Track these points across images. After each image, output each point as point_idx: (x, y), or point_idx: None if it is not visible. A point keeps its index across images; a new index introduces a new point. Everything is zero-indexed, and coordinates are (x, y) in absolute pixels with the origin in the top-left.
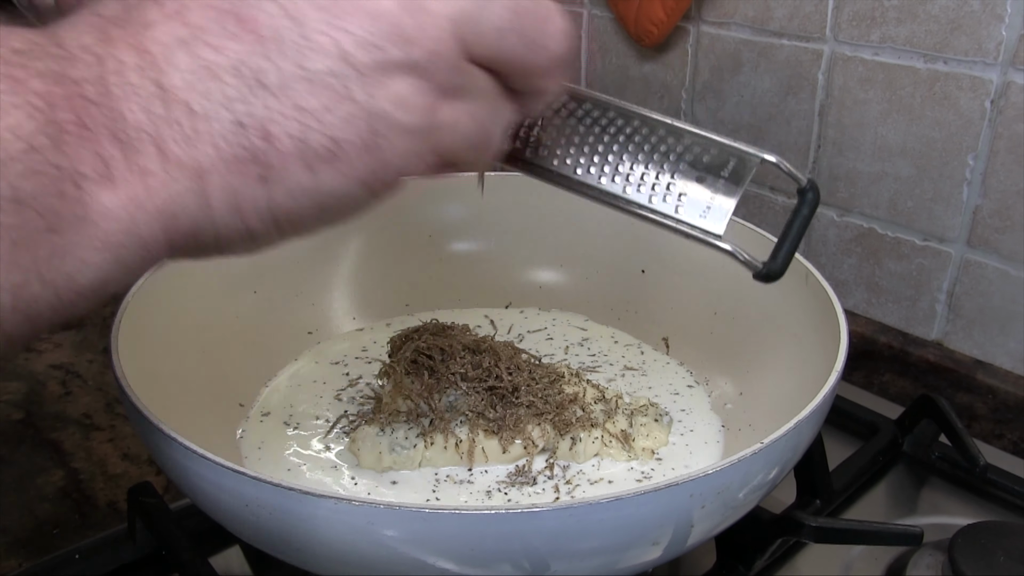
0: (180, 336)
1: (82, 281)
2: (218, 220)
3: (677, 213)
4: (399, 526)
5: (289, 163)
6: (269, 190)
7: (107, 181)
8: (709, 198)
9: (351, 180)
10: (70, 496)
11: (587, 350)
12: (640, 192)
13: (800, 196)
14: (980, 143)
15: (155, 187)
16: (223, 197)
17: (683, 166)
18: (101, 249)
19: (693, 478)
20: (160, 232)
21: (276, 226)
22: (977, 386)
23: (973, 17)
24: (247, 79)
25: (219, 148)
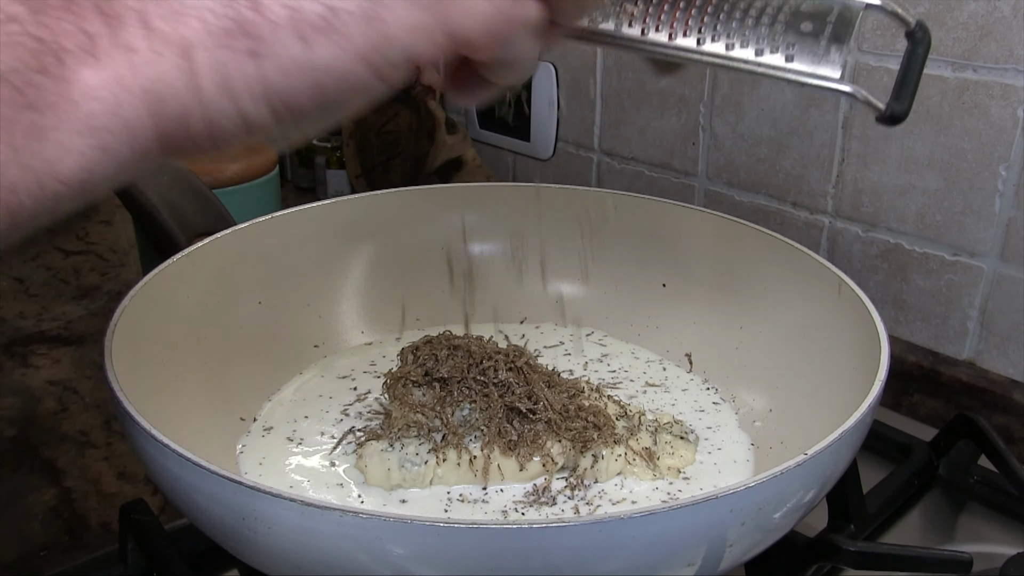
0: (179, 345)
1: (64, 169)
2: (208, 101)
3: (791, 63)
4: (410, 542)
5: (281, 34)
6: (260, 65)
7: (90, 57)
8: (820, 44)
9: (349, 54)
10: (61, 516)
11: (607, 366)
12: (747, 49)
13: (909, 38)
14: (1013, 153)
15: (140, 65)
16: (212, 75)
17: (786, 17)
18: (84, 133)
19: (733, 491)
20: (147, 115)
21: (271, 109)
22: (1014, 407)
23: (1003, 23)
24: None
25: (206, 21)
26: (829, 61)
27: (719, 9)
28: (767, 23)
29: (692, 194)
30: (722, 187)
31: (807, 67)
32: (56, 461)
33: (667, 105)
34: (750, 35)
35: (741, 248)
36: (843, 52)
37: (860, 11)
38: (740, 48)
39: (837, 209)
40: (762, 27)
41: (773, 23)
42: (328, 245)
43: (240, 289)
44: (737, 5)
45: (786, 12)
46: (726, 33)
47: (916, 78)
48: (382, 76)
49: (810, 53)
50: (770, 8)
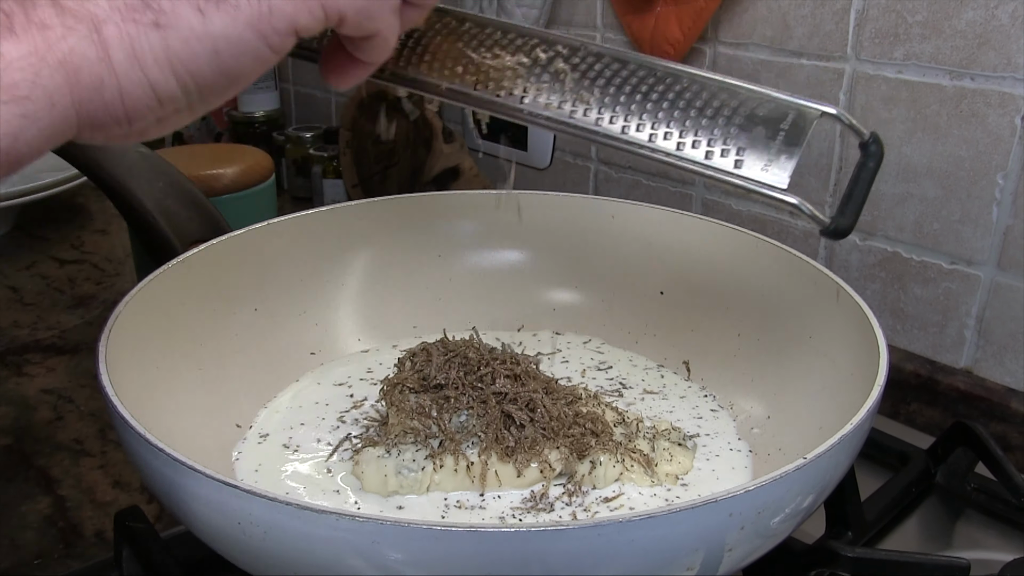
0: (175, 351)
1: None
2: (118, 71)
3: (738, 168)
4: (408, 546)
5: (180, 7)
6: (164, 35)
7: (8, 32)
8: (770, 152)
9: (240, 23)
10: (55, 525)
11: (605, 374)
12: (695, 150)
13: (863, 150)
14: (1010, 161)
15: (53, 39)
16: (120, 46)
17: (740, 120)
18: (7, 100)
19: (733, 495)
20: (64, 84)
21: (176, 77)
22: (1011, 415)
23: (1002, 31)
24: None
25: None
26: (778, 169)
27: (675, 106)
28: (721, 124)
29: (690, 203)
30: (719, 196)
31: (755, 174)
32: (50, 470)
33: None
34: (701, 135)
35: (738, 255)
36: (793, 160)
37: (815, 119)
38: (691, 148)
39: None
40: (715, 128)
41: (728, 125)
42: (324, 252)
43: (236, 296)
44: (693, 103)
45: (741, 115)
46: (678, 131)
47: (865, 192)
48: (270, 43)
49: (759, 159)
50: (726, 109)
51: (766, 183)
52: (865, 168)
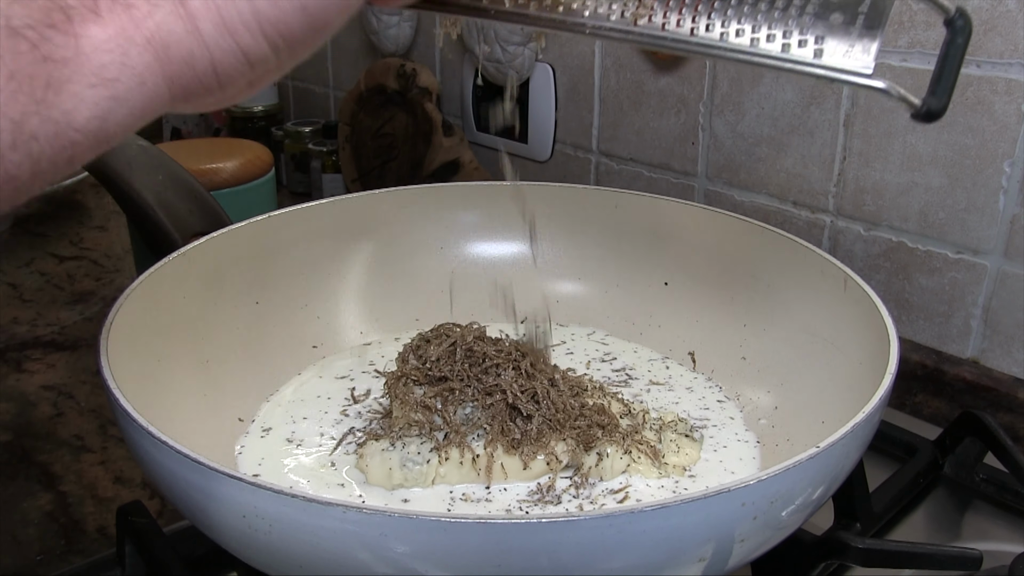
0: (176, 345)
1: (79, 118)
2: (208, 41)
3: (818, 58)
4: (415, 539)
5: None
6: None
7: (94, 15)
8: (850, 37)
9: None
10: (57, 521)
11: (610, 365)
12: (772, 43)
13: (949, 26)
14: (1017, 149)
15: (140, 17)
16: (208, 16)
17: (814, 8)
18: (96, 84)
19: (746, 484)
20: (155, 63)
21: (266, 38)
22: (1018, 405)
23: (1008, 17)
24: None
25: None
26: (861, 55)
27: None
28: (794, 15)
29: (692, 194)
30: (722, 187)
31: (837, 61)
32: (51, 466)
33: (666, 105)
34: (776, 28)
35: (744, 245)
36: (876, 45)
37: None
38: (766, 43)
39: (839, 208)
40: (789, 19)
41: (801, 15)
42: (325, 245)
43: (237, 289)
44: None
45: (814, 3)
46: (750, 27)
47: (955, 71)
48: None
49: (840, 46)
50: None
51: (850, 70)
52: (953, 44)
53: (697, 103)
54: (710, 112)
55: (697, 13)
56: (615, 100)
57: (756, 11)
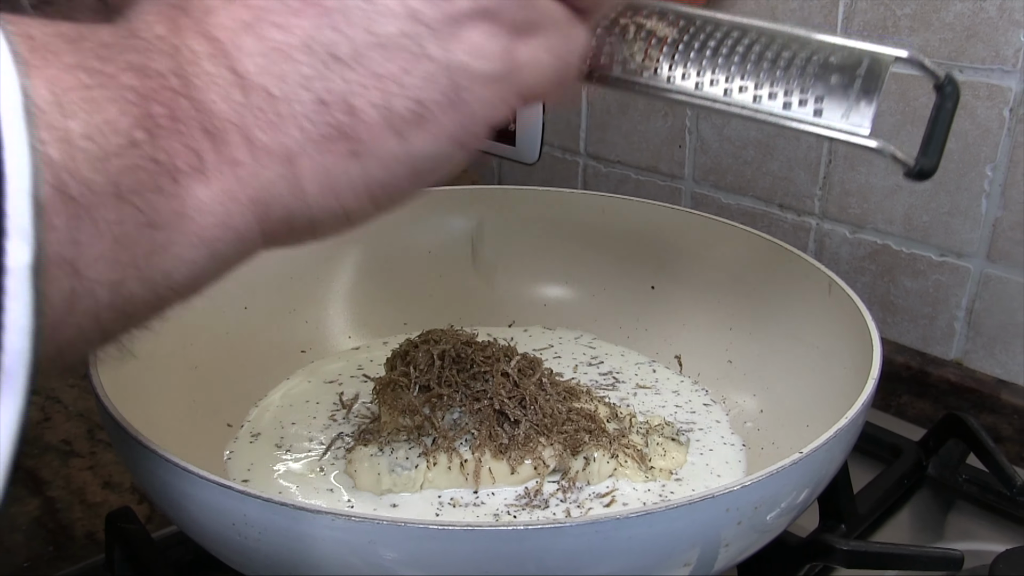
0: (164, 351)
1: (178, 277)
2: (312, 203)
3: (818, 117)
4: (403, 546)
5: (377, 133)
6: (362, 164)
7: (200, 174)
8: (849, 98)
9: (442, 139)
10: (45, 527)
11: (596, 369)
12: (774, 101)
13: (939, 92)
14: (999, 153)
15: (246, 177)
16: (315, 179)
17: (814, 69)
18: (198, 245)
19: (730, 490)
20: (254, 222)
21: (371, 200)
22: (1001, 406)
23: (990, 24)
24: (319, 55)
25: (304, 129)
26: (858, 115)
27: (746, 60)
28: (796, 75)
29: (679, 197)
30: (709, 190)
31: (836, 121)
32: (39, 471)
33: (653, 108)
34: (778, 87)
35: (730, 249)
36: (872, 106)
37: (890, 64)
38: (768, 100)
39: (824, 211)
40: (791, 79)
41: (802, 75)
42: (314, 249)
43: (225, 294)
44: (764, 56)
45: (815, 64)
46: (753, 84)
47: (945, 133)
48: (467, 147)
49: (839, 107)
50: (799, 60)
51: (847, 130)
52: (943, 109)
53: (684, 107)
54: (697, 115)
55: (702, 68)
56: (603, 103)
57: (759, 69)
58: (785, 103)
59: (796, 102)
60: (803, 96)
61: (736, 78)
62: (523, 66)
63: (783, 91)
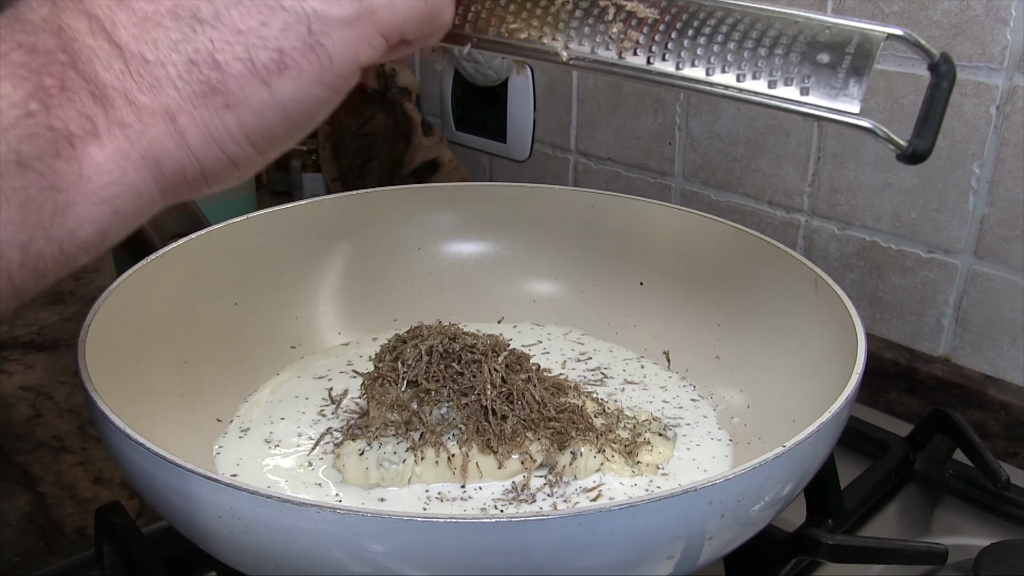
0: (154, 346)
1: (83, 235)
2: (198, 154)
3: (804, 96)
4: (389, 538)
5: (245, 84)
6: (236, 113)
7: (94, 137)
8: (838, 76)
9: (306, 83)
10: (35, 522)
11: (585, 365)
12: (759, 80)
13: (933, 71)
14: (986, 150)
15: (134, 137)
16: (196, 132)
17: (802, 47)
18: (98, 203)
19: (713, 483)
20: (149, 177)
21: (253, 146)
22: (988, 402)
23: (976, 21)
24: (185, 19)
25: (179, 89)
26: (847, 94)
27: (729, 39)
28: (781, 53)
29: (669, 194)
30: (699, 187)
31: (824, 100)
32: (30, 467)
33: (643, 106)
34: (763, 66)
35: (718, 246)
36: (862, 85)
37: (881, 41)
38: (752, 80)
39: (813, 208)
40: (776, 57)
41: (788, 53)
42: (304, 246)
43: (215, 290)
44: (749, 35)
45: (802, 42)
46: (737, 64)
47: (940, 114)
48: (338, 89)
49: (827, 86)
50: (784, 37)
51: (836, 108)
52: (938, 88)
53: (674, 104)
54: (687, 112)
55: (684, 49)
56: (593, 100)
57: (743, 48)
58: (770, 82)
59: (782, 81)
60: (788, 75)
61: (719, 58)
62: (378, 6)
63: (768, 70)
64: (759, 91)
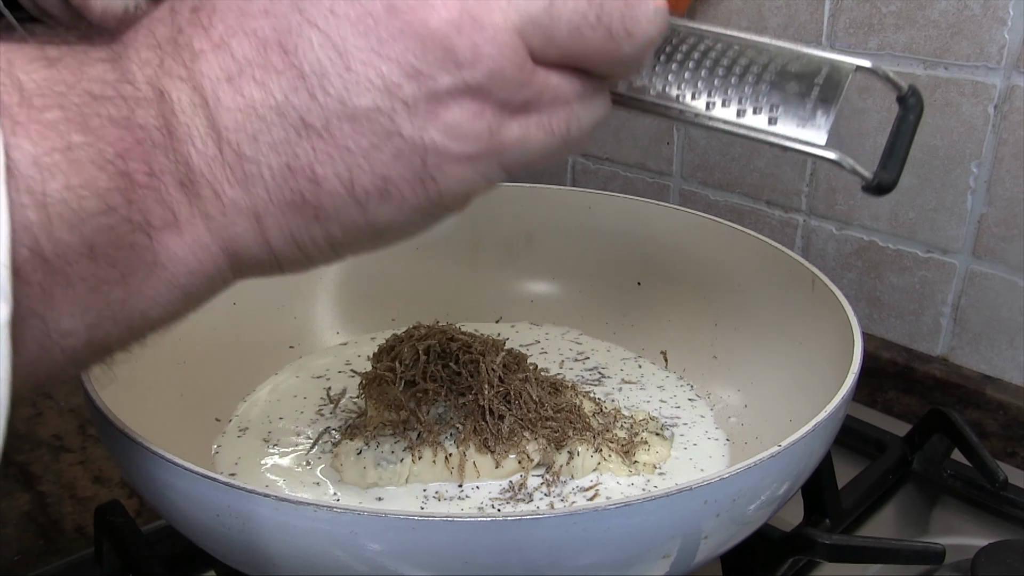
0: (153, 346)
1: (153, 316)
2: (278, 253)
3: (773, 126)
4: (385, 537)
5: (340, 203)
6: (324, 226)
7: (174, 228)
8: (806, 107)
9: (406, 213)
10: (35, 521)
11: (583, 364)
12: (727, 108)
13: (902, 103)
14: (984, 150)
15: (216, 230)
16: (280, 236)
17: (772, 76)
18: (171, 287)
19: (708, 482)
20: (225, 266)
21: (334, 252)
22: (986, 402)
23: (974, 21)
24: (292, 120)
25: (270, 192)
26: (815, 125)
27: (701, 65)
28: (752, 82)
29: (667, 194)
30: (697, 186)
31: (791, 131)
32: (30, 466)
33: None
34: (732, 94)
35: (715, 245)
36: (830, 116)
37: (850, 73)
38: (721, 108)
39: (811, 207)
40: (745, 86)
41: (758, 82)
42: None
43: None
44: (720, 62)
45: (771, 71)
46: (707, 91)
47: (906, 146)
48: (439, 218)
49: (795, 116)
50: (755, 67)
51: (803, 140)
52: (905, 121)
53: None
54: None
55: (654, 74)
56: None
57: (713, 76)
58: (739, 111)
59: (750, 110)
60: (757, 104)
61: (690, 84)
62: (508, 145)
63: (737, 98)
64: (727, 119)
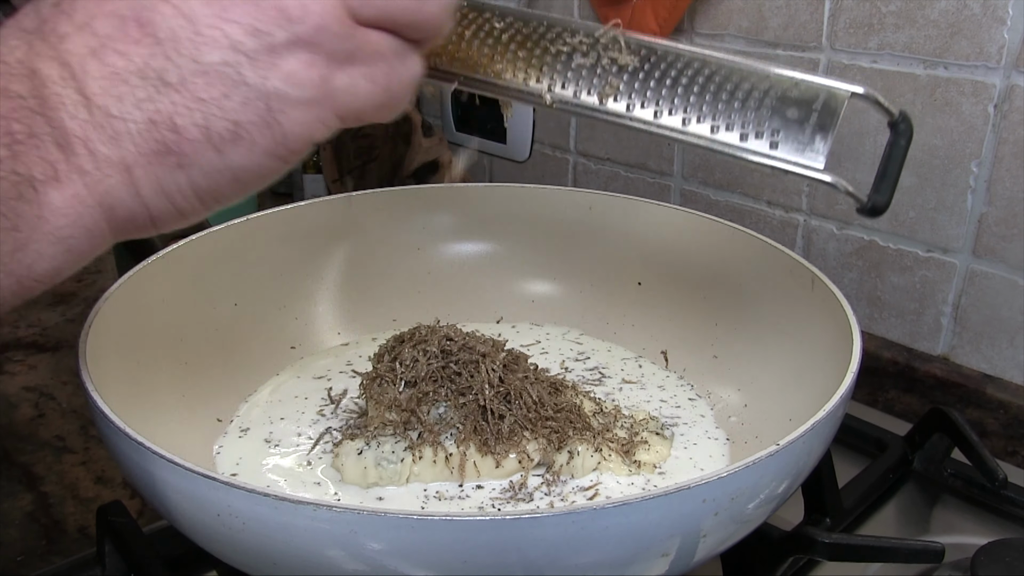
0: (155, 347)
1: (39, 270)
2: (149, 204)
3: (773, 150)
4: (385, 536)
5: (199, 149)
6: (188, 174)
7: (55, 182)
8: (805, 132)
9: (258, 154)
10: (38, 521)
11: (583, 364)
12: (731, 132)
13: (893, 129)
14: (984, 149)
15: (92, 184)
16: (149, 185)
17: (772, 102)
18: (54, 242)
19: (706, 481)
20: (102, 221)
21: (200, 202)
22: (987, 401)
23: (974, 20)
24: (152, 80)
25: (138, 144)
26: (813, 150)
27: (705, 90)
28: (753, 107)
29: (668, 194)
30: (697, 187)
31: (790, 155)
32: (33, 467)
33: None
34: (735, 118)
35: (715, 245)
36: (827, 141)
37: (846, 100)
38: (725, 131)
39: (812, 207)
40: (748, 111)
41: (759, 108)
42: (304, 247)
43: (216, 291)
44: (724, 87)
45: (772, 98)
46: (711, 115)
47: (898, 170)
48: (288, 161)
49: (794, 140)
50: (756, 92)
51: (802, 164)
52: (896, 146)
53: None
54: None
55: (661, 98)
56: None
57: (718, 101)
58: (742, 135)
59: (753, 134)
60: (759, 129)
61: (695, 108)
62: (339, 91)
63: (740, 123)
64: (731, 143)
